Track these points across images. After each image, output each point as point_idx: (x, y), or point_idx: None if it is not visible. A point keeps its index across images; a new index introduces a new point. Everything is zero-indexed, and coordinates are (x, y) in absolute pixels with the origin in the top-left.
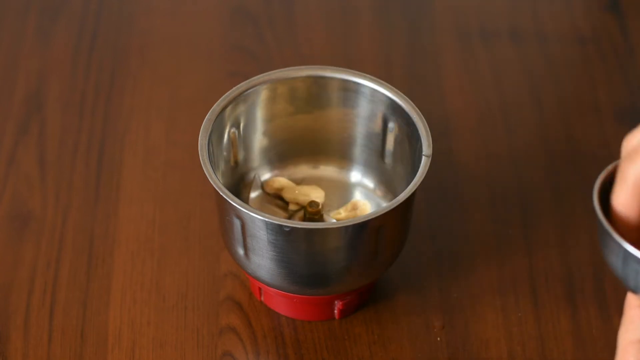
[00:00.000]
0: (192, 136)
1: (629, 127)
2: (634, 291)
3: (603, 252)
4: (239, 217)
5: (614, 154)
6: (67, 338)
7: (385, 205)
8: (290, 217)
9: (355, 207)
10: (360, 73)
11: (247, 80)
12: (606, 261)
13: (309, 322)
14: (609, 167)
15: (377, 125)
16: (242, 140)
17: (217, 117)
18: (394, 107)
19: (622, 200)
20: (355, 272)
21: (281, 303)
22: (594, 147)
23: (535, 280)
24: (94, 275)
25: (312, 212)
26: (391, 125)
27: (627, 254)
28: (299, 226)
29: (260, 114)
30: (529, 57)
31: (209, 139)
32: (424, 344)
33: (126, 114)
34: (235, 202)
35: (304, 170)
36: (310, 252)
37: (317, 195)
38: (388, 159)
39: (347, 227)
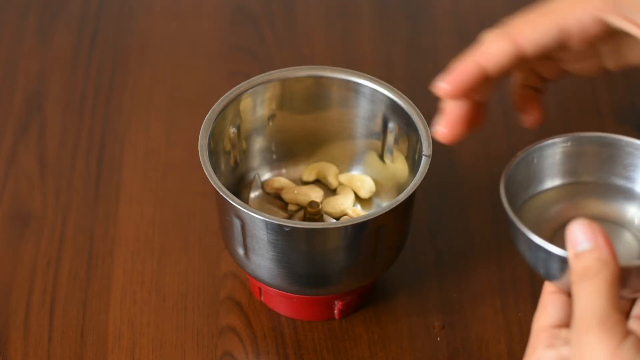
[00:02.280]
0: (192, 136)
1: (629, 127)
2: (546, 278)
3: (514, 242)
4: (239, 217)
5: None
6: (67, 338)
7: (385, 205)
8: (290, 217)
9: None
10: (360, 73)
11: (247, 80)
12: (518, 251)
13: (309, 322)
14: (513, 159)
15: (377, 125)
16: (242, 140)
17: (217, 117)
18: (394, 107)
19: None
20: (355, 272)
21: (281, 303)
22: None
23: (535, 280)
24: (94, 275)
25: (312, 212)
26: (391, 125)
27: (533, 244)
28: (299, 226)
29: (260, 114)
30: None
31: (209, 139)
32: (424, 344)
33: (126, 114)
34: (235, 202)
35: (304, 170)
36: (310, 252)
37: (317, 195)
38: (388, 159)
39: (347, 227)
